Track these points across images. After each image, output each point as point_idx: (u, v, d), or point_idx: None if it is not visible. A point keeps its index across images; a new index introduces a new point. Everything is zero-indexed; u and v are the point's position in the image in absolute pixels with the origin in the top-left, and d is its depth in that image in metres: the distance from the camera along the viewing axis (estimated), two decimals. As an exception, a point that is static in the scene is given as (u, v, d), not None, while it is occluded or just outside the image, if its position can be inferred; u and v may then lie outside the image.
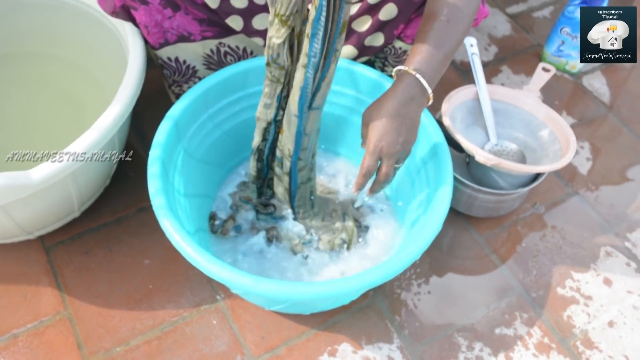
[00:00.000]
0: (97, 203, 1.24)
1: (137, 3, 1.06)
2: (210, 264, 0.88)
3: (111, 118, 1.02)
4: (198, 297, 1.15)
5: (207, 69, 1.20)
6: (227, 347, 1.10)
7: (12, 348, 1.08)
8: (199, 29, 1.12)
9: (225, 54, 1.18)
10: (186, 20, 1.10)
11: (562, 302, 1.19)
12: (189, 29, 1.12)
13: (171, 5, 1.07)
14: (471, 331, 1.14)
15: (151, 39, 1.12)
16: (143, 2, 1.06)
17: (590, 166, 1.42)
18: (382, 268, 0.90)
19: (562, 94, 1.57)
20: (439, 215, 0.96)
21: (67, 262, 1.19)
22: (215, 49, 1.16)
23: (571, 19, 1.50)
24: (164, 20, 1.09)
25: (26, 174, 0.95)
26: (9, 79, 1.39)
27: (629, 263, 1.26)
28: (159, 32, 1.11)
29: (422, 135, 1.08)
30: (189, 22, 1.11)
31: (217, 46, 1.16)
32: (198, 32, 1.13)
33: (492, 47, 1.67)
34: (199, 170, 1.13)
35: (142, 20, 1.09)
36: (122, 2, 1.08)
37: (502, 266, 1.24)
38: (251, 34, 1.13)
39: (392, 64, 1.22)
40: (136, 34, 1.13)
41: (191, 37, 1.13)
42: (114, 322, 1.12)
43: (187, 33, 1.12)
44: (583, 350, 1.13)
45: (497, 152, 1.29)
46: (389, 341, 1.12)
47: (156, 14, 1.08)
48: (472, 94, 1.29)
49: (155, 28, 1.10)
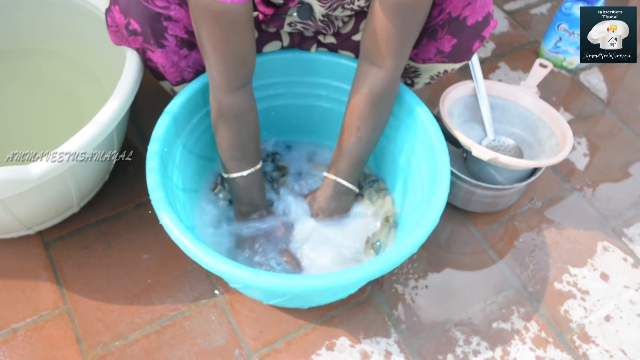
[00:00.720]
0: (96, 198, 1.24)
1: (154, 47, 1.05)
2: (208, 256, 0.89)
3: (109, 113, 1.03)
4: (196, 292, 1.16)
5: None
6: (226, 341, 1.10)
7: (11, 342, 1.08)
8: None
9: None
10: (200, 57, 1.10)
11: (559, 297, 1.20)
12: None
13: (187, 45, 1.07)
14: (468, 325, 1.15)
15: (169, 77, 1.12)
16: (160, 46, 1.05)
17: (588, 162, 1.43)
18: (380, 260, 0.90)
19: (559, 90, 1.57)
20: (436, 209, 0.97)
21: (66, 257, 1.19)
22: None
23: (568, 16, 1.51)
24: (180, 60, 1.09)
25: (25, 168, 0.95)
26: (7, 75, 1.39)
27: (625, 258, 1.26)
28: (175, 71, 1.11)
29: (420, 131, 1.09)
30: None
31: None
32: None
33: (490, 44, 1.67)
34: (198, 164, 1.14)
35: (159, 61, 1.08)
36: (139, 45, 1.07)
37: (499, 261, 1.24)
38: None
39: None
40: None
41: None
42: (113, 316, 1.12)
43: (203, 68, 1.13)
44: (580, 345, 1.14)
45: (495, 147, 1.29)
46: (387, 335, 1.13)
47: (173, 55, 1.08)
48: (470, 90, 1.29)
49: (172, 68, 1.10)
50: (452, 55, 1.08)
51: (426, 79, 1.19)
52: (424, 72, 1.17)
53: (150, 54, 1.08)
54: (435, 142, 1.05)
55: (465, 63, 1.14)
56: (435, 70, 1.15)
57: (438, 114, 1.22)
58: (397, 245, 0.92)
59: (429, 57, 1.10)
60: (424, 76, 1.18)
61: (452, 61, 1.10)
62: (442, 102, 1.23)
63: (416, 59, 1.13)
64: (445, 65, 1.12)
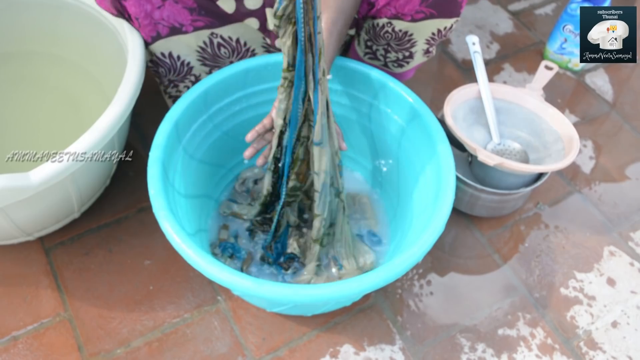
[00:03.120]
0: (97, 204, 1.23)
1: None
2: (211, 266, 0.88)
3: (111, 118, 1.02)
4: (199, 298, 1.15)
5: (202, 64, 1.19)
6: (229, 348, 1.09)
7: (12, 350, 1.07)
8: (189, 18, 1.11)
9: (218, 46, 1.17)
10: (176, 10, 1.09)
11: (565, 303, 1.19)
12: (179, 19, 1.10)
13: None
14: (474, 332, 1.14)
15: (143, 31, 1.10)
16: None
17: (593, 165, 1.41)
18: (384, 270, 0.89)
19: (564, 92, 1.56)
20: (441, 215, 0.95)
21: (67, 263, 1.18)
22: (209, 41, 1.15)
23: (574, 17, 1.49)
24: (153, 10, 1.07)
25: (26, 175, 0.94)
26: (10, 78, 1.39)
27: (632, 263, 1.25)
28: (149, 24, 1.09)
29: (424, 134, 1.07)
30: (179, 11, 1.09)
31: (210, 37, 1.15)
32: (189, 22, 1.11)
33: (494, 45, 1.66)
34: (199, 170, 1.13)
35: (133, 12, 1.07)
36: None
37: (504, 266, 1.23)
38: (244, 16, 1.11)
39: (394, 49, 1.20)
40: (135, 34, 1.12)
41: (183, 28, 1.11)
42: (115, 323, 1.11)
43: (178, 24, 1.11)
44: (586, 351, 1.13)
45: (500, 151, 1.28)
46: (391, 342, 1.12)
47: (145, 4, 1.06)
48: (475, 93, 1.28)
49: (146, 20, 1.08)
50: (438, 4, 1.06)
51: (423, 45, 1.17)
52: (417, 35, 1.14)
53: (125, 4, 1.06)
54: (440, 146, 1.04)
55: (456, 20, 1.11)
56: (427, 30, 1.13)
57: (442, 118, 1.21)
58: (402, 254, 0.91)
59: (415, 8, 1.08)
60: (420, 43, 1.16)
61: (441, 15, 1.08)
62: (446, 106, 1.21)
63: (404, 17, 1.10)
64: (436, 21, 1.10)
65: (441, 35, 1.14)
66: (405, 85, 1.11)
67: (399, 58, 1.22)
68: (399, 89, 1.10)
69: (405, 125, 1.12)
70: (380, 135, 1.18)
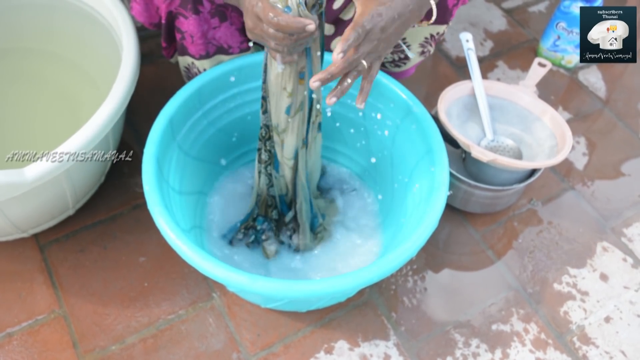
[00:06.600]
0: (92, 200, 1.23)
1: (189, 12, 1.03)
2: (205, 261, 0.88)
3: (105, 115, 1.02)
4: (194, 295, 1.15)
5: None
6: (223, 345, 1.10)
7: (6, 347, 1.07)
8: (239, 39, 1.11)
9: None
10: (229, 32, 1.08)
11: (559, 298, 1.19)
12: (230, 41, 1.10)
13: (219, 15, 1.05)
14: (468, 327, 1.14)
15: (194, 48, 1.09)
16: (195, 12, 1.03)
17: (587, 161, 1.42)
18: (378, 265, 0.89)
19: (558, 89, 1.56)
20: (435, 211, 0.96)
21: (61, 260, 1.18)
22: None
23: (567, 14, 1.50)
24: (209, 30, 1.07)
25: (20, 172, 0.94)
26: (5, 75, 1.39)
27: (625, 258, 1.26)
28: (203, 43, 1.08)
29: (418, 131, 1.08)
30: (232, 34, 1.09)
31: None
32: (237, 45, 1.11)
33: (488, 42, 1.66)
34: (194, 167, 1.13)
35: (189, 30, 1.06)
36: (173, 9, 1.03)
37: (498, 262, 1.24)
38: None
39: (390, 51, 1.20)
40: (130, 30, 1.12)
41: (230, 49, 1.12)
42: (109, 320, 1.11)
43: (226, 45, 1.11)
44: (580, 346, 1.13)
45: (494, 148, 1.28)
46: (386, 338, 1.12)
47: (204, 24, 1.05)
48: (468, 90, 1.28)
49: (201, 39, 1.07)
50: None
51: (417, 48, 1.18)
52: (411, 39, 1.15)
53: (182, 21, 1.05)
54: (434, 143, 1.04)
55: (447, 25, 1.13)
56: (420, 35, 1.13)
57: (436, 115, 1.21)
58: (396, 249, 0.91)
59: None
60: (414, 46, 1.17)
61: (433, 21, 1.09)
62: (440, 103, 1.22)
63: None
64: (428, 27, 1.10)
65: (434, 39, 1.15)
66: (399, 82, 1.12)
67: (395, 59, 1.23)
68: (392, 86, 1.11)
69: (399, 122, 1.12)
70: (374, 132, 1.18)
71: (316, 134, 1.05)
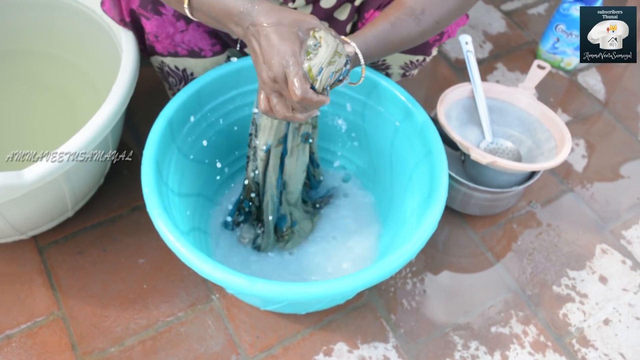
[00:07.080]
0: (91, 202, 1.23)
1: (150, 13, 1.02)
2: (204, 264, 0.88)
3: (104, 117, 1.02)
4: (193, 297, 1.15)
5: None
6: (222, 347, 1.10)
7: (5, 349, 1.07)
8: (209, 42, 1.10)
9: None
10: (198, 34, 1.08)
11: (558, 300, 1.19)
12: (200, 44, 1.09)
13: (184, 18, 1.04)
14: (467, 330, 1.14)
15: (160, 45, 1.08)
16: (157, 13, 1.02)
17: (586, 163, 1.42)
18: (378, 268, 0.89)
19: (557, 91, 1.56)
20: (434, 213, 0.96)
21: (60, 262, 1.18)
22: (224, 63, 1.15)
23: (566, 16, 1.50)
24: (175, 33, 1.06)
25: (19, 174, 0.94)
26: (5, 77, 1.39)
27: (624, 261, 1.26)
28: (170, 43, 1.08)
29: (417, 134, 1.08)
30: (201, 36, 1.08)
31: (227, 60, 1.15)
32: (209, 48, 1.11)
33: (487, 44, 1.66)
34: (193, 169, 1.13)
35: (152, 30, 1.05)
36: (135, 8, 1.03)
37: (497, 264, 1.24)
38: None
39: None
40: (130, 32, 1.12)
41: (202, 52, 1.11)
42: (108, 322, 1.11)
43: (198, 49, 1.10)
44: (579, 349, 1.13)
45: (493, 150, 1.29)
46: (385, 340, 1.12)
47: (168, 26, 1.04)
48: (467, 92, 1.28)
49: (167, 40, 1.07)
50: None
51: (398, 69, 1.18)
52: (391, 61, 1.16)
53: (145, 22, 1.04)
54: (433, 145, 1.04)
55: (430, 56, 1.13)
56: (400, 61, 1.14)
57: (435, 117, 1.21)
58: (395, 252, 0.91)
59: None
60: (394, 67, 1.18)
61: (411, 52, 1.10)
62: (439, 105, 1.22)
63: None
64: (407, 55, 1.11)
65: (414, 66, 1.15)
66: (398, 84, 1.12)
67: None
68: (392, 88, 1.10)
69: (399, 124, 1.12)
70: (374, 134, 1.18)
71: (300, 143, 1.04)
